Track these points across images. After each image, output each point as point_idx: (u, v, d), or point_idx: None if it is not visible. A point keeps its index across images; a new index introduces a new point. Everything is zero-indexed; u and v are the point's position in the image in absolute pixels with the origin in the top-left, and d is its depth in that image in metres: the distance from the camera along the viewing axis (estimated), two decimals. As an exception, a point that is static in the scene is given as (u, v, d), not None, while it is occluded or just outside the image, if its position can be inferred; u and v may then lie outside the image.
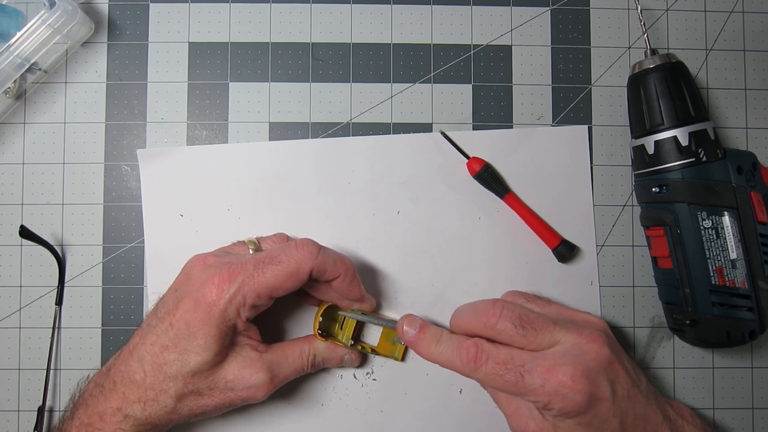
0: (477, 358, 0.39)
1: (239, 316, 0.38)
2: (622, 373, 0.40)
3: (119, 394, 0.38)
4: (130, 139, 0.48)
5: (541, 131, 0.48)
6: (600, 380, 0.38)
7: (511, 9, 0.49)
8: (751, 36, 0.50)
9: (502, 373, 0.38)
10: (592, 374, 0.38)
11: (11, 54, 0.43)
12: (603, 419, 0.38)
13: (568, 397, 0.37)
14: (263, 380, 0.40)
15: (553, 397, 0.37)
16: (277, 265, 0.38)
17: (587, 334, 0.39)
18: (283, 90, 0.48)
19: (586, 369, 0.38)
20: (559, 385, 0.37)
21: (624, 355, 0.42)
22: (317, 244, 0.40)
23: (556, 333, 0.39)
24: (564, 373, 0.37)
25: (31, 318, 0.47)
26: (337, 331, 0.45)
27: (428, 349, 0.41)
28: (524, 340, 0.39)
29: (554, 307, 0.44)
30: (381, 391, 0.47)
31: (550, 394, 0.37)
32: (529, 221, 0.47)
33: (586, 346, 0.39)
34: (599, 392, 0.38)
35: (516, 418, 0.40)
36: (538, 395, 0.37)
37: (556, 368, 0.37)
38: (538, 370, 0.37)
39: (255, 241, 0.43)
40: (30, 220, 0.47)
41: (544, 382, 0.37)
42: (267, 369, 0.40)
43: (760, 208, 0.44)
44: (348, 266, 0.41)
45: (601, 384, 0.38)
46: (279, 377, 0.41)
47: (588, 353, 0.39)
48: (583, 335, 0.39)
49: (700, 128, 0.43)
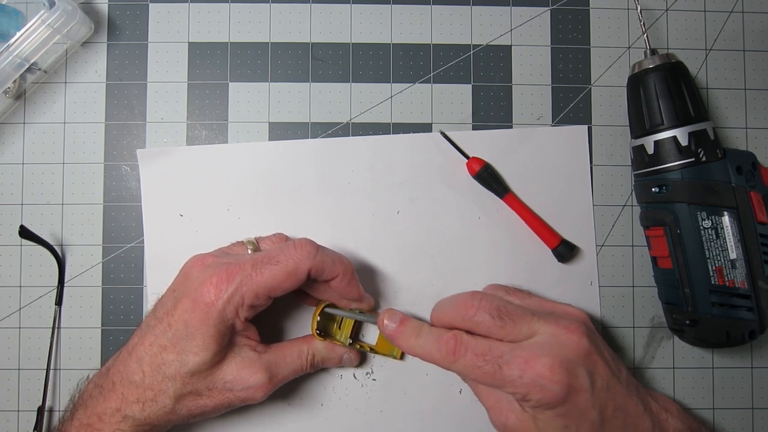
0: (456, 350, 0.39)
1: (237, 316, 0.38)
2: (601, 364, 0.40)
3: (118, 395, 0.38)
4: (129, 139, 0.48)
5: (541, 131, 0.48)
6: (578, 371, 0.38)
7: (511, 9, 0.49)
8: (751, 36, 0.50)
9: (480, 364, 0.38)
10: (570, 365, 0.38)
11: (11, 54, 0.43)
12: (582, 410, 0.38)
13: (546, 388, 0.37)
14: (262, 381, 0.40)
15: (531, 389, 0.37)
16: (275, 265, 0.38)
17: (566, 325, 0.39)
18: (283, 90, 0.48)
19: (564, 360, 0.37)
20: (537, 376, 0.37)
21: (604, 345, 0.42)
22: (315, 244, 0.40)
23: (534, 324, 0.39)
24: (542, 364, 0.37)
25: (30, 318, 0.47)
26: (336, 330, 0.45)
27: (408, 342, 0.41)
28: (502, 331, 0.39)
29: (534, 299, 0.44)
30: (381, 391, 0.47)
31: (528, 385, 0.37)
32: (529, 221, 0.47)
33: (565, 337, 0.39)
34: (577, 383, 0.38)
35: (496, 411, 0.40)
36: (516, 386, 0.37)
37: (534, 359, 0.37)
38: (516, 361, 0.37)
39: (254, 241, 0.43)
40: (30, 220, 0.47)
41: (522, 373, 0.37)
42: (266, 369, 0.40)
43: (759, 208, 0.44)
44: (346, 266, 0.41)
45: (579, 375, 0.38)
46: (278, 378, 0.41)
47: (566, 344, 0.39)
48: (562, 326, 0.39)
49: (699, 128, 0.43)
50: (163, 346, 0.38)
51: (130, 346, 0.39)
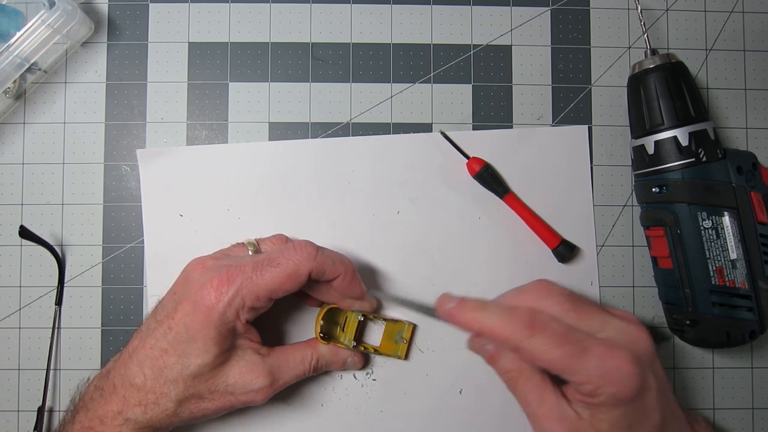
0: (532, 325, 0.35)
1: (238, 318, 0.38)
2: (660, 367, 0.38)
3: (119, 398, 0.38)
4: (129, 139, 0.48)
5: (541, 131, 0.48)
6: (647, 369, 0.36)
7: (511, 9, 0.49)
8: (751, 36, 0.50)
9: (560, 344, 0.35)
10: (642, 361, 0.36)
11: (11, 54, 0.43)
12: (647, 411, 0.36)
13: (624, 382, 0.35)
14: (264, 384, 0.39)
15: (606, 381, 0.34)
16: (275, 267, 0.38)
17: (634, 322, 0.38)
18: (283, 90, 0.48)
19: (638, 356, 0.36)
20: (616, 368, 0.34)
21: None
22: (315, 246, 0.40)
23: (605, 316, 0.37)
24: (623, 356, 0.35)
25: (30, 318, 0.47)
26: (339, 333, 0.45)
27: (472, 315, 0.37)
28: (575, 315, 0.36)
29: None
30: (381, 391, 0.47)
31: (604, 376, 0.35)
32: (529, 221, 0.47)
33: (636, 334, 0.37)
34: (648, 382, 0.36)
35: (547, 419, 0.37)
36: (591, 375, 0.35)
37: (616, 350, 0.35)
38: (597, 349, 0.35)
39: (254, 242, 0.42)
40: (30, 220, 0.47)
41: (601, 362, 0.34)
42: (268, 373, 0.40)
43: (760, 208, 0.44)
44: (347, 265, 0.41)
45: (648, 372, 0.36)
46: (280, 382, 0.41)
47: (638, 341, 0.37)
48: (632, 322, 0.37)
49: (700, 128, 0.43)
50: (164, 349, 0.38)
51: (130, 348, 0.39)
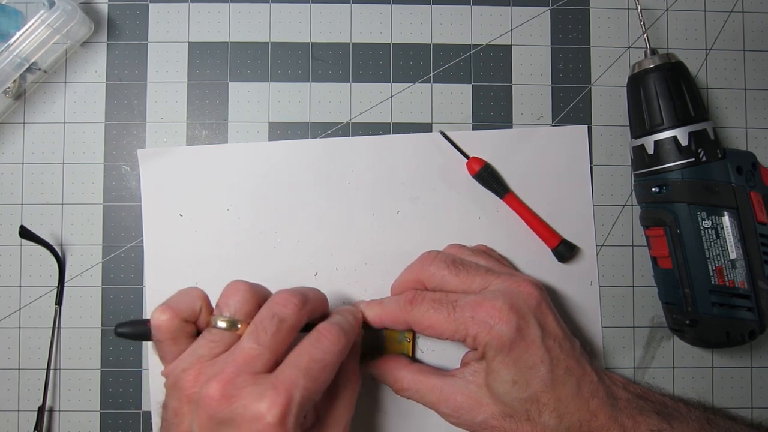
0: (413, 300, 0.40)
1: None
2: (552, 320, 0.40)
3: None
4: (129, 139, 0.48)
5: (541, 131, 0.48)
6: (528, 318, 0.39)
7: (511, 9, 0.49)
8: (751, 36, 0.50)
9: (435, 307, 0.39)
10: (521, 310, 0.39)
11: (11, 54, 0.43)
12: (530, 363, 0.38)
13: (496, 329, 0.38)
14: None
15: (481, 328, 0.38)
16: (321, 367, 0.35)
17: (518, 280, 0.40)
18: (283, 90, 0.48)
19: (514, 304, 0.39)
20: (487, 315, 0.38)
21: (556, 314, 0.41)
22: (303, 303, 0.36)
23: (488, 277, 0.41)
24: (492, 305, 0.38)
25: (30, 318, 0.47)
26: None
27: (374, 312, 0.41)
28: (456, 279, 0.40)
29: (494, 261, 0.44)
30: (381, 391, 0.47)
31: (478, 324, 0.38)
32: (529, 221, 0.47)
33: (517, 289, 0.40)
34: (527, 330, 0.38)
35: (443, 401, 0.40)
36: (467, 326, 0.38)
37: (485, 301, 0.39)
38: (469, 303, 0.39)
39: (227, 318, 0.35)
40: (30, 220, 0.47)
41: (473, 313, 0.38)
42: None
43: (759, 208, 0.44)
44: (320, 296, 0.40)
45: (529, 321, 0.39)
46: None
47: (518, 294, 0.40)
48: (514, 281, 0.40)
49: (699, 128, 0.43)
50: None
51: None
